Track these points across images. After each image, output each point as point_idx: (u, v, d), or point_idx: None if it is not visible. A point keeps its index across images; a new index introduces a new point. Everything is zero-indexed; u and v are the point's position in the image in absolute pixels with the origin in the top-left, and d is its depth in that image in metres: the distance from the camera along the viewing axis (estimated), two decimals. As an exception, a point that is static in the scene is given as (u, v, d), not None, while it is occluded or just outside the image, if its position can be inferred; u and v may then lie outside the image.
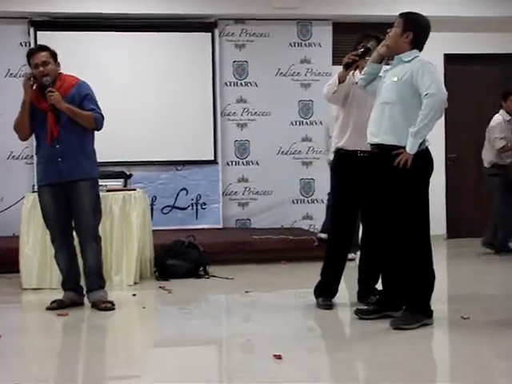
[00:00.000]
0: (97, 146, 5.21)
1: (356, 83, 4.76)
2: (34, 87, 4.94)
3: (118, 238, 6.09)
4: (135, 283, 6.04)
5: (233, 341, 4.37)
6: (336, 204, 5.01)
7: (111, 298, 5.20)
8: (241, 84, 8.53)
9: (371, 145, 4.44)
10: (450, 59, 8.80)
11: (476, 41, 8.76)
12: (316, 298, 5.04)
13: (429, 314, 4.40)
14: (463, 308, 4.81)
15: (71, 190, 4.98)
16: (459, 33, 8.72)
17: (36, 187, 5.27)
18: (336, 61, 8.49)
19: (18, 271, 5.97)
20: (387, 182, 4.34)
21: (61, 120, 4.93)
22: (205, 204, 8.40)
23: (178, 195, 8.36)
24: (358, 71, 4.88)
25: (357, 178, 4.76)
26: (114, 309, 5.02)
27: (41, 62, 4.94)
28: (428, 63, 4.38)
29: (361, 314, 4.55)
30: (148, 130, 8.15)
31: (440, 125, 8.76)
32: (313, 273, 5.47)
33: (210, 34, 8.35)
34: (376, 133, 4.36)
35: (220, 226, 8.37)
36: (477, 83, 8.94)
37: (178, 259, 6.36)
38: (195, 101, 8.31)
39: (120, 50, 8.22)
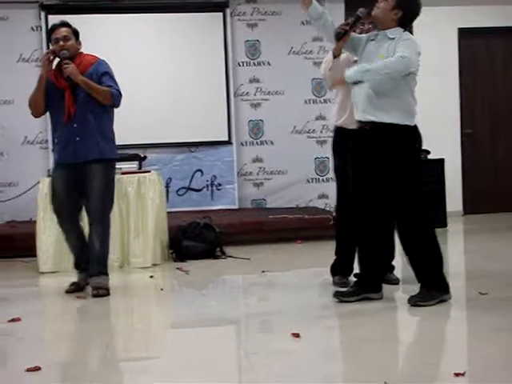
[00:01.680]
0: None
1: (355, 61, 4.67)
2: (54, 63, 4.90)
3: (133, 220, 6.11)
4: (153, 265, 6.06)
5: (251, 321, 4.38)
6: (341, 185, 4.92)
7: (128, 280, 5.23)
8: (253, 64, 8.48)
9: (361, 122, 4.38)
10: (464, 33, 8.71)
11: (490, 14, 8.65)
12: (332, 276, 5.05)
13: (445, 289, 4.37)
14: (481, 284, 4.78)
15: (85, 171, 4.93)
16: (473, 6, 8.62)
17: (52, 168, 5.18)
18: (349, 38, 8.44)
19: (35, 255, 6.00)
20: (380, 160, 4.31)
21: (78, 98, 4.88)
22: (220, 185, 8.39)
23: (192, 177, 8.36)
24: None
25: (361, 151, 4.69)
26: (108, 295, 4.92)
27: (62, 36, 4.91)
28: (412, 38, 4.36)
29: (341, 297, 4.48)
30: (161, 112, 8.14)
31: (455, 100, 8.72)
32: (329, 251, 5.46)
33: (221, 13, 8.30)
34: (367, 110, 4.31)
35: (235, 207, 8.37)
36: (492, 57, 8.86)
37: (195, 240, 6.38)
38: (208, 82, 8.28)
39: (131, 32, 8.19)
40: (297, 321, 4.09)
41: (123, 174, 6.25)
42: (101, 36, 8.05)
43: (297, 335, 3.71)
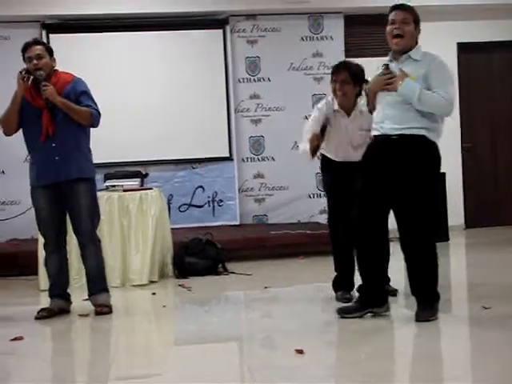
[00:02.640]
0: (112, 146, 5.21)
1: (336, 111, 4.80)
2: (29, 82, 4.76)
3: (134, 237, 6.11)
4: (154, 281, 6.06)
5: (254, 337, 4.37)
6: (330, 203, 5.04)
7: (130, 297, 5.22)
8: (254, 80, 8.52)
9: (390, 136, 4.28)
10: (464, 48, 8.74)
11: (489, 28, 8.69)
12: (335, 292, 5.05)
13: (438, 298, 4.35)
14: (484, 298, 4.78)
15: (68, 191, 4.83)
16: (472, 21, 8.66)
17: (30, 190, 4.99)
18: (348, 54, 8.48)
19: (37, 273, 6.00)
20: (407, 171, 4.24)
21: (57, 117, 4.77)
22: (221, 201, 8.40)
23: (194, 193, 8.37)
24: (335, 101, 4.86)
25: (344, 176, 4.81)
26: (110, 312, 4.89)
27: (35, 54, 4.80)
28: (446, 66, 4.33)
29: (344, 313, 4.44)
30: (163, 129, 8.16)
31: (455, 114, 8.67)
32: (331, 267, 5.45)
33: (221, 30, 8.35)
34: (394, 128, 4.25)
35: (237, 223, 8.37)
36: (491, 71, 8.89)
37: (197, 257, 6.38)
38: (209, 98, 8.31)
39: (132, 50, 8.23)
40: (300, 337, 4.08)
41: (125, 191, 6.28)
42: (101, 54, 8.11)
43: (300, 351, 3.69)
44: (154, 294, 5.65)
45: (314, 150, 4.84)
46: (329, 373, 3.49)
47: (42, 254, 5.90)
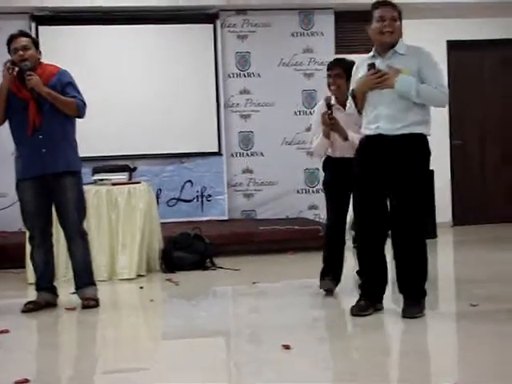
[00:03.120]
0: (101, 140, 5.19)
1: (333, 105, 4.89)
2: (15, 73, 4.71)
3: (122, 231, 6.09)
4: (141, 275, 6.05)
5: (241, 332, 4.37)
6: (329, 202, 5.15)
7: (117, 291, 5.21)
8: (244, 75, 8.50)
9: (388, 135, 4.28)
10: (453, 46, 8.76)
11: (479, 27, 8.70)
12: (321, 280, 5.10)
13: (425, 295, 4.36)
14: (471, 295, 4.80)
15: (55, 184, 4.80)
16: (462, 19, 8.68)
17: (15, 181, 4.96)
18: (339, 50, 8.48)
19: (24, 266, 5.98)
20: (402, 168, 4.25)
21: (43, 109, 4.73)
22: (210, 196, 8.39)
23: (183, 188, 8.35)
24: (334, 97, 4.96)
25: (342, 174, 4.90)
26: (97, 306, 4.87)
27: (21, 46, 4.76)
28: (433, 57, 4.35)
29: (357, 312, 4.38)
30: (152, 123, 8.14)
31: (444, 112, 8.74)
32: (319, 262, 5.47)
33: (211, 25, 8.32)
34: (391, 128, 4.24)
35: (225, 218, 8.36)
36: (480, 69, 8.91)
37: (185, 251, 6.37)
38: (198, 93, 8.29)
39: (121, 44, 8.20)
40: (287, 332, 4.09)
41: (113, 184, 6.26)
42: (91, 47, 8.07)
43: (287, 347, 3.70)
44: (141, 288, 5.64)
45: (327, 134, 4.89)
46: (315, 368, 3.49)
47: (29, 247, 5.90)
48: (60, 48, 7.92)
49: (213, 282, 5.98)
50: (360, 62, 4.49)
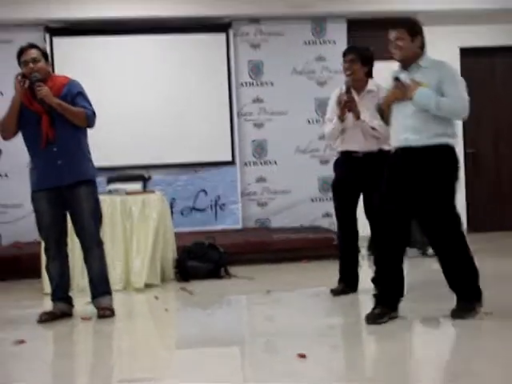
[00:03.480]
0: (115, 149, 5.21)
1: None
2: (26, 86, 4.73)
3: (137, 240, 6.11)
4: (156, 285, 6.06)
5: (256, 341, 4.37)
6: (335, 200, 5.45)
7: (133, 300, 5.22)
8: (257, 84, 8.53)
9: (406, 148, 4.42)
10: (466, 53, 8.74)
11: (491, 33, 8.70)
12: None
13: (479, 296, 4.43)
14: (486, 303, 4.77)
15: (70, 194, 4.83)
16: (474, 26, 8.66)
17: (31, 193, 4.99)
18: (351, 58, 8.48)
19: (39, 276, 6.00)
20: (428, 179, 4.36)
21: (56, 121, 4.76)
22: (224, 205, 8.41)
23: (197, 197, 8.38)
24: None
25: (353, 172, 5.24)
26: (113, 315, 4.89)
27: (30, 58, 4.78)
28: (456, 72, 4.56)
29: (372, 320, 4.39)
30: (166, 133, 8.18)
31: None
32: (333, 271, 5.47)
33: (224, 34, 8.36)
34: (418, 138, 4.36)
35: (240, 227, 8.38)
36: (493, 76, 8.88)
37: (199, 260, 6.38)
38: (212, 102, 8.33)
39: (135, 54, 8.25)
40: (302, 341, 4.08)
41: (128, 194, 6.28)
42: (105, 57, 8.14)
43: (303, 355, 3.70)
44: (156, 297, 5.65)
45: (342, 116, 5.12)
46: (331, 377, 3.49)
47: (44, 257, 5.92)
48: (75, 59, 8.00)
49: (227, 290, 5.98)
50: (390, 74, 4.60)
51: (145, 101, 8.13)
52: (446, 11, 8.47)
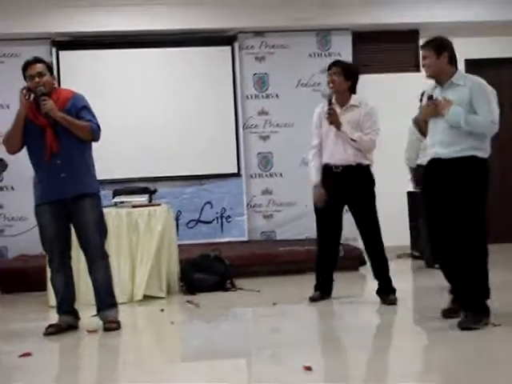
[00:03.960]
0: (121, 162, 5.22)
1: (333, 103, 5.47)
2: (31, 99, 4.78)
3: (142, 252, 6.12)
4: (162, 298, 6.06)
5: (261, 353, 4.35)
6: (318, 216, 5.67)
7: (138, 313, 5.21)
8: (262, 96, 8.55)
9: (440, 159, 4.62)
10: (471, 64, 8.74)
11: (497, 45, 8.71)
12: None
13: (487, 312, 4.51)
14: (494, 315, 4.75)
15: (74, 207, 4.84)
16: (480, 38, 8.68)
17: (34, 206, 5.00)
18: (356, 70, 8.50)
19: (45, 289, 6.01)
20: (462, 188, 4.55)
21: (60, 134, 4.77)
22: (229, 217, 8.41)
23: (202, 209, 8.38)
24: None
25: (333, 190, 5.48)
26: (119, 328, 4.89)
27: (36, 72, 4.80)
28: (487, 90, 4.77)
29: (469, 325, 4.40)
30: (171, 146, 8.20)
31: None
32: (339, 284, 5.48)
33: (229, 47, 8.40)
34: (446, 152, 4.58)
35: (245, 239, 8.37)
36: (499, 88, 8.80)
37: (205, 273, 6.37)
38: (217, 114, 8.35)
39: (141, 67, 8.28)
40: (308, 353, 4.07)
41: (134, 207, 6.29)
42: (111, 71, 8.17)
43: (308, 368, 3.69)
44: (162, 310, 5.65)
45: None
46: (337, 390, 3.48)
47: (49, 270, 5.92)
48: (81, 72, 8.05)
49: (233, 303, 5.97)
50: (426, 90, 4.85)
51: (150, 114, 8.16)
52: (451, 23, 8.47)
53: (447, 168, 4.59)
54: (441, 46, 4.70)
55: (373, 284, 5.56)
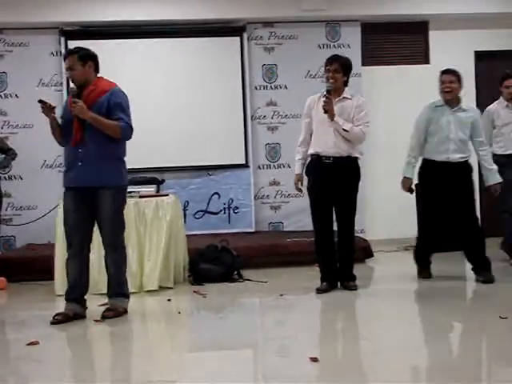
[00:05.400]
0: (129, 153, 5.21)
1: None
2: (48, 112, 4.98)
3: (150, 243, 6.12)
4: (169, 288, 6.07)
5: (268, 344, 4.37)
6: (312, 205, 5.77)
7: (146, 303, 5.22)
8: (270, 87, 8.53)
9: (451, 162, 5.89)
10: (481, 56, 8.71)
11: (507, 37, 8.65)
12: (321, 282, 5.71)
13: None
14: (502, 308, 4.75)
15: (94, 198, 4.92)
16: (489, 30, 8.63)
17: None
18: (365, 62, 8.48)
19: (52, 278, 6.03)
20: (464, 183, 5.92)
21: (86, 126, 4.86)
22: (237, 208, 8.41)
23: (210, 200, 8.39)
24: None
25: (325, 180, 5.60)
26: (115, 316, 4.94)
27: (67, 67, 4.98)
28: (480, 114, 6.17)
29: None
30: (179, 136, 8.20)
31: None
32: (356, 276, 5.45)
33: (238, 38, 8.38)
34: (459, 155, 5.91)
35: (253, 230, 8.38)
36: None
37: (212, 263, 6.38)
38: (225, 105, 8.34)
39: (150, 57, 8.27)
40: (315, 344, 4.08)
41: (141, 197, 6.29)
42: (120, 60, 8.15)
43: (315, 359, 3.69)
44: (169, 300, 5.66)
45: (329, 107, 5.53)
46: (343, 381, 3.48)
47: (58, 258, 5.95)
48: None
49: (240, 294, 5.98)
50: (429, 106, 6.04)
51: (159, 104, 8.16)
52: (460, 15, 8.44)
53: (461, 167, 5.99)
54: (461, 78, 5.95)
55: (380, 275, 5.57)
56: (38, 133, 7.78)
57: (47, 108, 4.94)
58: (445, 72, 5.94)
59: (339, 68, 5.61)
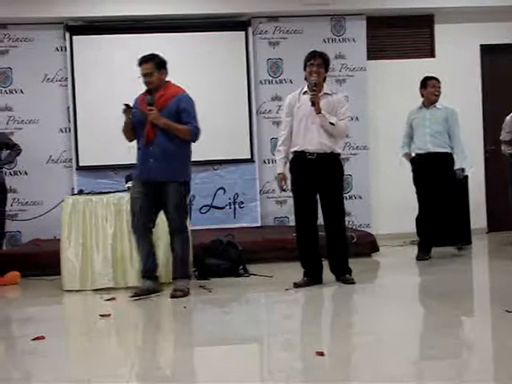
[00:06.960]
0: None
1: (305, 92, 5.73)
2: (130, 114, 5.48)
3: (157, 237, 6.10)
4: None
5: (274, 339, 4.36)
6: (295, 198, 5.83)
7: (151, 297, 5.23)
8: (275, 81, 8.53)
9: (430, 153, 6.76)
10: (487, 50, 8.69)
11: (511, 30, 8.63)
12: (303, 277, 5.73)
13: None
14: (507, 301, 4.74)
15: (161, 189, 5.46)
16: (495, 23, 8.61)
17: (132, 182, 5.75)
18: (370, 56, 8.47)
19: (59, 273, 6.04)
20: (443, 174, 6.66)
21: (158, 127, 5.39)
22: (242, 203, 8.41)
23: (215, 194, 8.39)
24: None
25: (309, 176, 5.63)
26: (184, 296, 5.44)
27: (144, 73, 5.51)
28: (456, 112, 6.99)
29: None
30: (184, 131, 8.19)
31: (478, 117, 8.68)
32: (353, 269, 5.44)
33: (243, 32, 8.37)
34: (435, 147, 6.80)
35: (258, 225, 8.38)
36: (514, 73, 8.81)
37: (218, 258, 6.38)
38: (230, 100, 8.33)
39: (155, 51, 8.24)
40: (321, 339, 4.07)
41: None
42: (124, 56, 8.13)
43: (321, 353, 3.69)
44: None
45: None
46: (349, 375, 3.48)
47: (64, 254, 5.96)
48: (94, 57, 8.05)
49: (246, 288, 5.98)
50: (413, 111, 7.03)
51: (164, 99, 8.14)
52: (466, 8, 8.41)
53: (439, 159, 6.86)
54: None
55: (386, 269, 5.56)
56: (43, 128, 7.80)
57: (129, 110, 5.45)
58: (432, 78, 6.91)
59: (322, 63, 5.71)
